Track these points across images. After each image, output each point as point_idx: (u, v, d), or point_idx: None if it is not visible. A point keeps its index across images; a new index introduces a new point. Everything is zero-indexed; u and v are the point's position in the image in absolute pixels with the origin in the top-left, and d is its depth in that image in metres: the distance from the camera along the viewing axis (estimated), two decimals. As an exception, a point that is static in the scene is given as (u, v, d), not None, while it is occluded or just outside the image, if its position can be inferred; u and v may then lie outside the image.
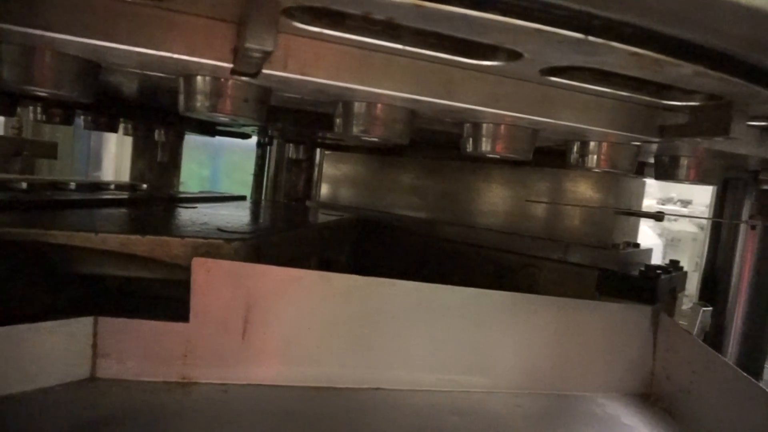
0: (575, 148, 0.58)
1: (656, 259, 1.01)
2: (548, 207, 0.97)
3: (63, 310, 0.55)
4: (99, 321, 0.50)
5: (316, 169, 1.52)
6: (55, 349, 0.48)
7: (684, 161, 0.61)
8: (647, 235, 2.47)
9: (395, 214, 1.18)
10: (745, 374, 0.53)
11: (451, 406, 0.56)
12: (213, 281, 0.51)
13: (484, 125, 0.51)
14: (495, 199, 1.04)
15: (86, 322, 0.49)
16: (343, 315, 0.56)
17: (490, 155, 0.52)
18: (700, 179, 0.61)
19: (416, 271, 1.13)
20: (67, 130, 2.01)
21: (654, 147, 0.57)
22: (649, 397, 0.64)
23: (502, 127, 0.50)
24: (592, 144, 0.56)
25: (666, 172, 0.63)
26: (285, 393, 0.54)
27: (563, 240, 0.93)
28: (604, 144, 0.55)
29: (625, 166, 0.56)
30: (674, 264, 0.92)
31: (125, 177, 1.79)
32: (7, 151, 1.34)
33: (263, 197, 2.04)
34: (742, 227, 0.83)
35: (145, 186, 1.27)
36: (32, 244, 0.53)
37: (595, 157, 0.56)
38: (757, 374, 0.81)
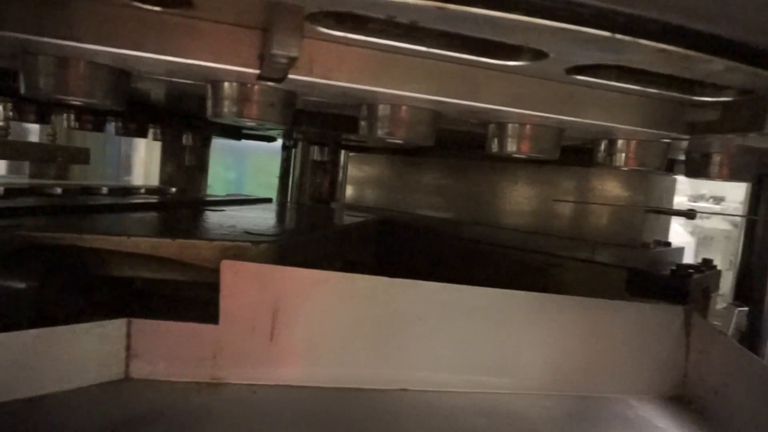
0: (602, 147, 0.57)
1: (688, 258, 0.98)
2: (575, 206, 0.96)
3: (97, 312, 0.57)
4: (132, 323, 0.51)
5: (341, 171, 1.53)
6: (90, 350, 0.49)
7: (716, 158, 0.60)
8: (678, 234, 2.41)
9: (419, 215, 1.18)
10: (783, 376, 0.51)
11: (477, 408, 0.56)
12: (241, 283, 0.52)
13: (509, 125, 0.50)
14: (520, 199, 1.03)
15: (120, 323, 0.51)
16: (368, 316, 0.56)
17: (516, 155, 0.52)
18: (733, 176, 0.60)
19: (440, 272, 1.12)
20: (98, 136, 2.06)
21: (684, 144, 0.55)
22: (682, 399, 0.62)
23: (528, 126, 0.50)
24: (620, 142, 0.55)
25: (697, 169, 0.61)
26: (312, 394, 0.54)
27: (591, 239, 0.92)
28: (632, 142, 0.54)
29: (654, 163, 0.55)
30: (707, 263, 0.90)
31: (154, 181, 1.83)
32: (42, 157, 1.38)
33: (288, 199, 2.06)
34: (779, 224, 0.81)
35: (173, 189, 1.30)
36: (67, 247, 0.55)
37: (623, 155, 0.55)
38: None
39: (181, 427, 0.46)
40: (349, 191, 1.36)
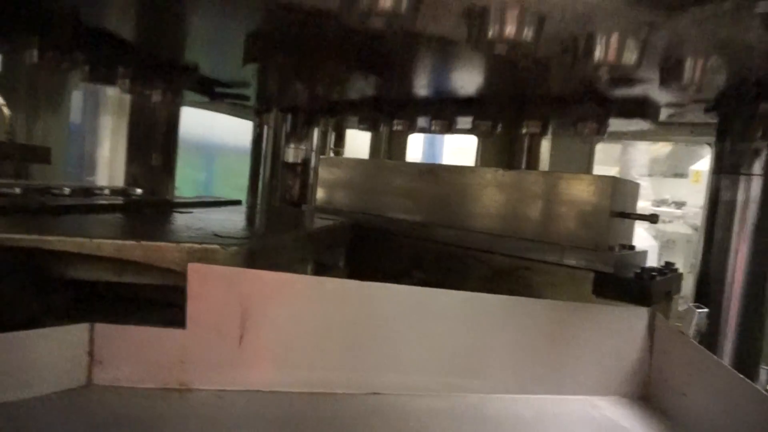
0: (581, 46, 0.54)
1: (651, 261, 1.01)
2: (543, 210, 0.97)
3: (58, 316, 0.55)
4: (95, 327, 0.49)
5: (312, 173, 1.52)
6: (50, 356, 0.48)
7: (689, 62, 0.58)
8: (642, 237, 2.48)
9: (391, 218, 1.19)
10: (741, 376, 0.53)
11: (448, 410, 0.56)
12: (208, 287, 0.51)
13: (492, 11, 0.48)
14: (488, 202, 1.05)
15: (82, 328, 0.49)
16: (338, 319, 0.56)
17: (497, 44, 0.49)
18: (704, 80, 0.58)
19: (411, 275, 1.13)
20: (60, 134, 2.00)
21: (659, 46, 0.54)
22: (647, 399, 0.64)
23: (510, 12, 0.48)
24: (598, 36, 0.52)
25: (674, 75, 0.59)
26: (281, 399, 0.54)
27: (558, 243, 0.94)
28: (612, 35, 0.51)
29: (631, 59, 0.52)
30: (669, 266, 0.93)
31: (119, 182, 1.78)
32: (0, 155, 1.33)
33: (258, 201, 2.04)
34: (736, 228, 0.83)
35: (139, 191, 1.27)
36: (26, 249, 0.53)
37: (602, 51, 0.52)
38: (753, 376, 0.81)
39: (145, 434, 0.45)
40: (320, 194, 1.35)
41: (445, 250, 1.07)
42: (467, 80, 0.96)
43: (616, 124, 0.98)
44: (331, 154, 1.93)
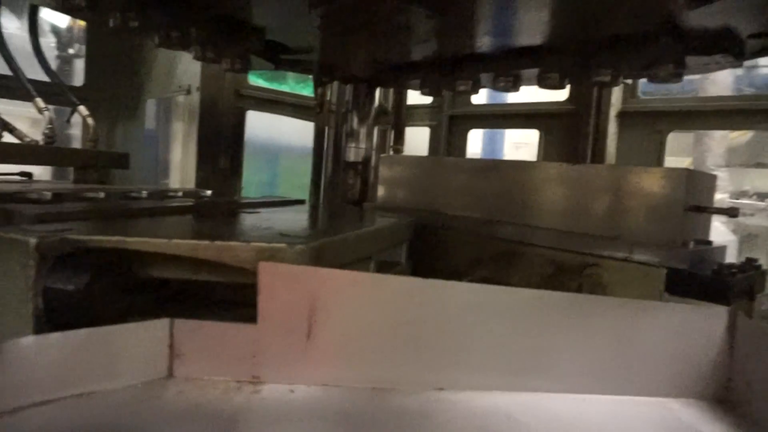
0: None
1: (731, 257, 0.96)
2: (610, 205, 0.94)
3: (141, 312, 0.59)
4: (174, 323, 0.53)
5: (372, 172, 1.54)
6: (135, 349, 0.51)
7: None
8: (720, 232, 2.34)
9: (451, 215, 1.18)
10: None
11: (513, 408, 0.55)
12: (278, 284, 0.53)
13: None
14: (552, 197, 1.02)
15: (163, 324, 0.52)
16: (403, 317, 0.57)
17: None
18: None
19: (472, 272, 1.12)
20: (136, 141, 2.13)
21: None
22: (726, 403, 0.61)
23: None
24: None
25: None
26: (348, 393, 0.55)
27: (628, 238, 0.90)
28: None
29: None
30: (751, 262, 0.87)
31: (190, 184, 1.87)
32: (85, 162, 1.43)
33: (320, 201, 2.08)
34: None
35: (209, 192, 1.33)
36: (113, 250, 0.57)
37: None
38: None
39: (222, 424, 0.47)
40: (381, 192, 1.37)
41: (507, 247, 1.06)
42: (533, 22, 0.92)
43: (694, 64, 0.91)
44: (391, 152, 1.94)
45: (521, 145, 5.00)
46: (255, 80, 2.10)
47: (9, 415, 0.44)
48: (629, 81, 1.32)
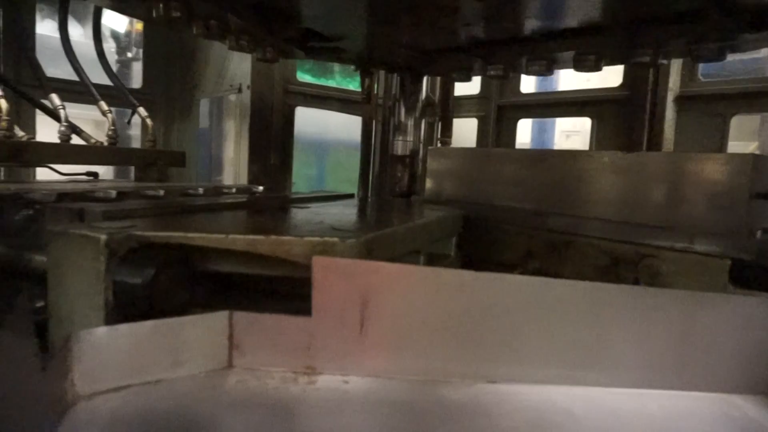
0: None
1: (801, 247, 0.90)
2: (669, 193, 0.91)
3: (201, 305, 0.61)
4: (233, 315, 0.55)
5: (420, 165, 1.54)
6: (197, 340, 0.54)
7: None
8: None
9: (500, 207, 1.17)
10: None
11: (567, 402, 0.55)
12: (331, 278, 0.54)
13: None
14: (606, 187, 0.99)
15: (222, 316, 0.55)
16: (455, 310, 0.57)
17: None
18: None
19: (524, 264, 1.11)
20: (191, 139, 2.21)
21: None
22: (797, 400, 0.58)
23: None
24: None
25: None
26: (400, 385, 0.56)
27: (688, 228, 0.87)
28: None
29: None
30: (824, 252, 0.82)
31: (243, 180, 1.93)
32: (145, 161, 1.50)
33: (369, 194, 2.10)
34: None
35: (261, 188, 1.36)
36: (175, 245, 0.59)
37: None
38: None
39: (279, 413, 0.49)
40: (429, 185, 1.37)
41: (559, 238, 1.04)
42: (580, 2, 0.89)
43: (743, 41, 0.86)
44: (439, 145, 1.93)
45: (572, 133, 4.87)
46: (303, 76, 2.14)
47: (86, 400, 0.47)
48: (665, 61, 1.25)
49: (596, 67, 1.05)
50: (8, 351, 0.34)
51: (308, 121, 2.24)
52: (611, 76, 1.73)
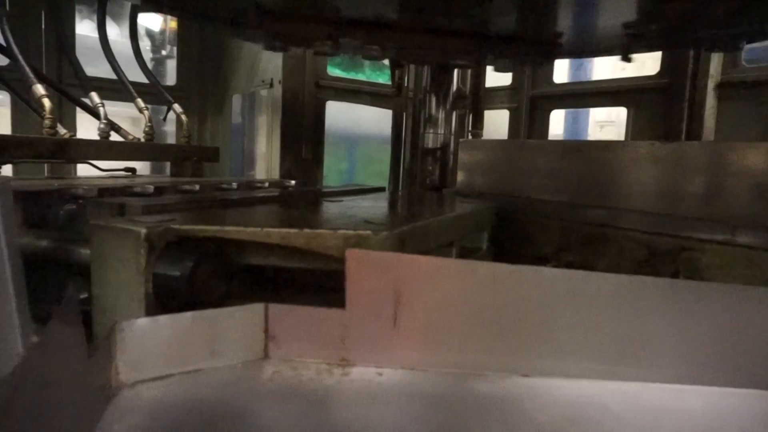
0: None
1: None
2: (709, 184, 0.88)
3: (237, 296, 0.62)
4: (269, 307, 0.56)
5: (451, 157, 1.53)
6: (234, 332, 0.55)
7: None
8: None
9: (534, 199, 1.15)
10: None
11: (606, 397, 0.54)
12: (365, 271, 0.55)
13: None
14: (643, 178, 0.97)
15: (258, 308, 0.56)
16: (489, 303, 0.56)
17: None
18: None
19: (558, 257, 1.09)
20: (224, 135, 2.25)
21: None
22: None
23: None
24: None
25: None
26: (434, 378, 0.56)
27: (729, 220, 0.84)
28: None
29: None
30: None
31: (275, 174, 1.95)
32: (181, 157, 1.53)
33: (400, 188, 2.10)
34: None
35: (293, 182, 1.38)
36: (212, 239, 0.61)
37: None
38: None
39: (314, 404, 0.49)
40: (460, 177, 1.36)
41: (594, 231, 1.02)
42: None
43: None
44: (470, 137, 1.92)
45: (606, 124, 4.76)
46: (333, 70, 2.15)
47: (129, 389, 0.48)
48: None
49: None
50: (58, 339, 0.36)
51: (339, 115, 2.25)
52: (649, 63, 1.68)
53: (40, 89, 1.21)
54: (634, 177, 0.98)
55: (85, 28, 2.41)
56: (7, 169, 1.17)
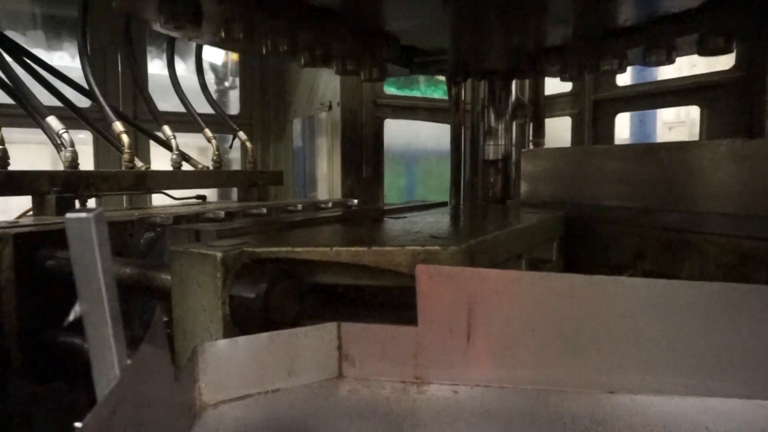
0: None
1: None
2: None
3: (310, 316, 0.63)
4: (342, 326, 0.56)
5: (513, 168, 1.50)
6: (309, 351, 0.55)
7: None
8: None
9: (604, 206, 1.11)
10: None
11: (702, 415, 0.50)
12: (436, 286, 0.54)
13: None
14: (725, 179, 0.91)
15: (331, 327, 0.56)
16: (567, 315, 0.54)
17: None
18: None
19: (634, 266, 1.04)
20: (287, 158, 2.31)
21: None
22: None
23: None
24: None
25: None
26: (512, 395, 0.54)
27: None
28: None
29: None
30: None
31: (337, 194, 1.98)
32: (247, 182, 1.58)
33: (461, 201, 2.08)
34: None
35: (355, 201, 1.39)
36: (284, 260, 0.62)
37: None
38: None
39: (390, 423, 0.49)
40: (524, 188, 1.33)
41: (674, 236, 0.96)
42: None
43: None
44: (531, 146, 1.88)
45: (675, 125, 4.54)
46: (388, 89, 2.17)
47: (213, 408, 0.50)
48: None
49: (726, 50, 0.95)
50: (149, 362, 0.37)
51: (396, 132, 2.27)
52: (722, 58, 1.59)
53: (119, 126, 1.29)
54: (715, 178, 0.92)
55: (155, 66, 2.56)
56: (91, 202, 1.25)
